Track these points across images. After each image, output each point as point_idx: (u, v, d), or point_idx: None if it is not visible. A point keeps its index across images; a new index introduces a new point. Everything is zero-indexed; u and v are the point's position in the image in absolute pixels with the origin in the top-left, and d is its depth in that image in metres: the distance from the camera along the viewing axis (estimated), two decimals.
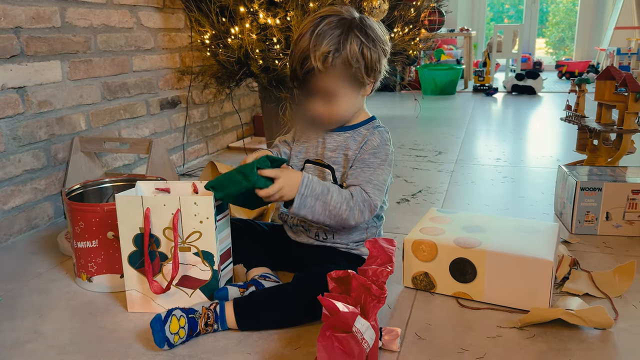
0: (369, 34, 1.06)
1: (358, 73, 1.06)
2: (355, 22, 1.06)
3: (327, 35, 1.03)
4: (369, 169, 1.10)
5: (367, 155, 1.11)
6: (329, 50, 1.02)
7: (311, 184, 1.05)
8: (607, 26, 6.09)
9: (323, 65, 1.03)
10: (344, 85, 1.07)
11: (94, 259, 1.17)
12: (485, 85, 4.80)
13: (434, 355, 0.93)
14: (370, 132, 1.14)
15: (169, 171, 1.69)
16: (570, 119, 1.97)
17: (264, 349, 0.96)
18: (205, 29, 1.87)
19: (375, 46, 1.06)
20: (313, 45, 1.03)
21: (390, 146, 1.14)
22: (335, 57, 1.03)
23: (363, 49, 1.04)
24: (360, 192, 1.08)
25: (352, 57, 1.04)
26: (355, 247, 1.17)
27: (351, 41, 1.03)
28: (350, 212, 1.06)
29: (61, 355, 0.96)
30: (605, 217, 1.45)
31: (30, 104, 1.54)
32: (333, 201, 1.05)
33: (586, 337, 0.98)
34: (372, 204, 1.08)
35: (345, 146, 1.14)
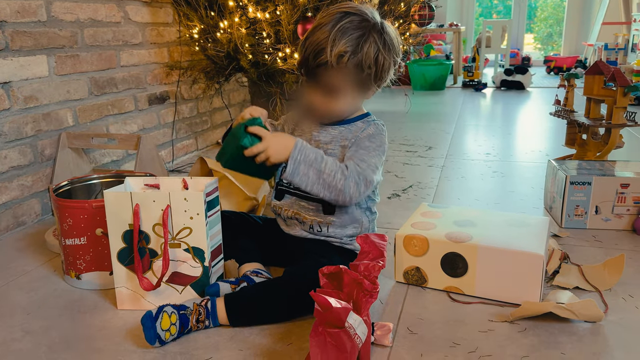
0: (387, 41, 1.05)
1: (368, 78, 1.06)
2: (377, 27, 1.05)
3: (347, 34, 1.02)
4: (363, 150, 1.09)
5: (363, 140, 1.11)
6: (346, 50, 1.01)
7: (304, 150, 1.02)
8: (595, 21, 6.13)
9: (337, 63, 1.02)
10: (350, 86, 1.07)
11: (83, 256, 1.16)
12: (474, 81, 4.81)
13: (426, 349, 0.93)
14: (366, 124, 1.14)
15: (158, 167, 1.68)
16: (560, 113, 1.98)
17: (255, 345, 0.95)
18: (193, 23, 1.85)
19: (390, 54, 1.06)
20: (332, 40, 1.01)
21: (385, 137, 1.14)
22: (350, 59, 1.02)
23: (378, 56, 1.04)
24: (355, 165, 1.06)
25: (366, 62, 1.03)
26: (349, 242, 1.17)
27: (369, 46, 1.02)
28: (345, 181, 1.03)
29: (50, 353, 0.95)
30: (594, 211, 1.46)
31: (16, 99, 1.51)
32: (327, 169, 1.02)
33: (577, 330, 0.98)
34: (367, 178, 1.05)
35: (342, 137, 1.13)
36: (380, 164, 1.12)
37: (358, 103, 1.14)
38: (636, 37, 5.07)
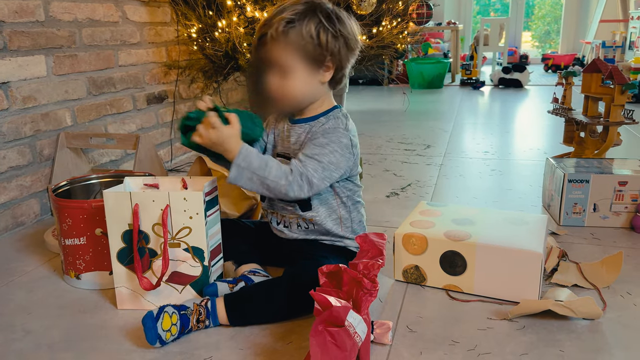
0: (333, 21, 1.06)
1: (309, 49, 1.05)
2: (322, 8, 1.06)
3: (288, 8, 1.05)
4: (315, 146, 1.07)
5: (317, 135, 1.09)
6: (284, 18, 1.03)
7: (249, 157, 1.01)
8: (592, 19, 6.14)
9: (276, 32, 1.03)
10: (295, 60, 1.05)
11: (82, 256, 1.16)
12: (472, 79, 4.82)
13: (425, 347, 0.94)
14: (327, 119, 1.12)
15: (157, 167, 1.68)
16: (558, 111, 1.98)
17: (255, 344, 0.96)
18: (192, 22, 1.85)
19: (337, 35, 1.06)
20: (273, 14, 1.06)
21: (345, 131, 1.09)
22: (288, 27, 1.03)
23: (320, 30, 1.05)
24: (300, 166, 1.05)
25: (306, 33, 1.04)
26: (339, 240, 1.17)
27: (310, 19, 1.04)
28: (289, 186, 1.03)
29: (51, 353, 0.95)
30: (592, 209, 1.46)
31: (14, 99, 1.51)
32: (271, 176, 1.02)
33: (575, 327, 0.99)
34: (311, 179, 1.04)
35: (306, 137, 1.12)
36: (338, 160, 1.07)
37: (314, 85, 1.09)
38: (634, 35, 5.08)
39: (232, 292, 1.06)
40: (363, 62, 2.07)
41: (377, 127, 3.02)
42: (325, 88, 1.12)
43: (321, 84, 1.10)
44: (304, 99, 1.11)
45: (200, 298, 1.05)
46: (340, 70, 1.10)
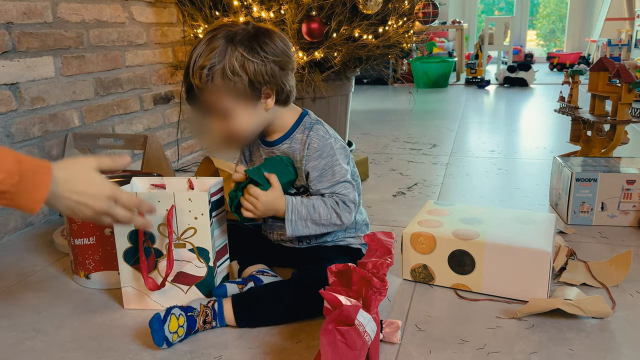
0: (255, 47, 1.00)
1: (240, 88, 1.01)
2: (241, 36, 1.00)
3: (206, 50, 0.99)
4: (325, 172, 1.08)
5: (314, 161, 1.09)
6: (204, 65, 0.98)
7: (296, 209, 1.06)
8: (598, 17, 6.12)
9: (200, 82, 0.99)
10: (230, 101, 1.02)
11: (92, 256, 1.17)
12: (477, 78, 4.81)
13: (434, 346, 0.94)
14: (306, 135, 1.10)
15: (165, 167, 1.69)
16: (564, 110, 1.98)
17: (264, 343, 0.96)
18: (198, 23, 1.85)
19: (264, 59, 1.00)
20: (193, 61, 1.00)
21: (330, 139, 1.10)
22: (211, 73, 0.98)
23: (244, 63, 0.99)
24: (337, 198, 1.08)
25: (231, 72, 0.98)
26: (342, 239, 1.17)
27: (230, 55, 0.98)
28: (341, 217, 1.08)
29: (62, 352, 0.96)
30: (600, 208, 1.46)
31: (23, 100, 1.52)
32: (322, 216, 1.07)
33: (584, 326, 0.99)
34: (352, 199, 1.09)
35: (292, 158, 1.12)
36: (345, 164, 1.10)
37: (259, 115, 1.07)
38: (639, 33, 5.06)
39: (240, 293, 1.06)
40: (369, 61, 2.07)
41: (383, 126, 3.02)
42: (274, 111, 1.09)
43: (266, 111, 1.07)
44: (255, 129, 1.10)
45: (206, 299, 1.05)
46: (282, 91, 1.06)
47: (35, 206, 0.75)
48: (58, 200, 0.79)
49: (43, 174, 0.75)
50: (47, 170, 0.76)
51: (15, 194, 0.73)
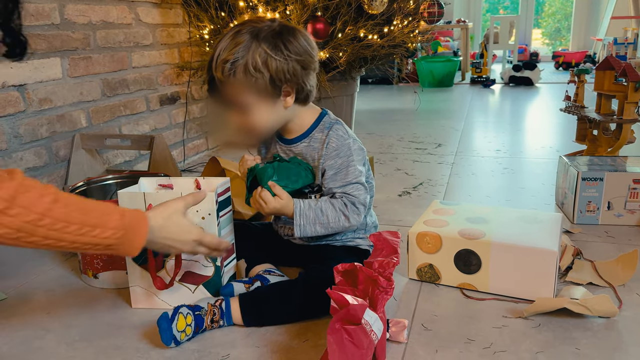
0: (279, 45, 1.01)
1: (261, 84, 1.01)
2: (265, 34, 1.01)
3: (231, 45, 1.00)
4: (340, 171, 1.09)
5: (331, 160, 1.09)
6: (227, 59, 0.99)
7: (304, 213, 1.08)
8: (604, 16, 6.09)
9: (222, 75, 1.00)
10: (250, 97, 1.03)
11: (100, 256, 1.18)
12: (482, 77, 4.80)
13: (441, 345, 0.94)
14: (325, 135, 1.11)
15: (171, 167, 1.69)
16: (570, 109, 1.97)
17: (272, 342, 0.97)
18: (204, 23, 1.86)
19: (287, 58, 1.01)
20: (217, 54, 1.01)
21: (349, 139, 1.11)
22: (234, 67, 0.99)
23: (267, 60, 1.00)
24: (347, 197, 1.09)
25: (253, 68, 0.99)
26: (351, 239, 1.18)
27: (254, 52, 0.99)
28: (349, 220, 1.09)
29: (71, 351, 0.97)
30: (606, 207, 1.46)
31: (31, 101, 1.54)
32: (331, 219, 1.08)
33: (591, 325, 0.99)
34: (362, 201, 1.09)
35: (308, 156, 1.12)
36: (361, 166, 1.11)
37: (278, 112, 1.08)
38: None
39: (247, 292, 1.07)
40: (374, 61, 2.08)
41: (388, 126, 3.02)
42: (293, 109, 1.10)
43: (285, 108, 1.08)
44: (273, 126, 1.11)
45: (214, 298, 1.06)
46: (302, 90, 1.07)
47: (134, 252, 0.86)
48: (152, 244, 0.91)
49: (142, 226, 0.86)
50: (145, 221, 0.86)
51: (119, 245, 0.83)
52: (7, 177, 0.72)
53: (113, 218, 0.82)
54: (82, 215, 0.78)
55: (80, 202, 0.79)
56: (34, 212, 0.73)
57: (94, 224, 0.79)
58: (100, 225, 0.80)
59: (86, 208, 0.79)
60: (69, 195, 0.79)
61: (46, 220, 0.74)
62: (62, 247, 0.79)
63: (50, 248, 0.78)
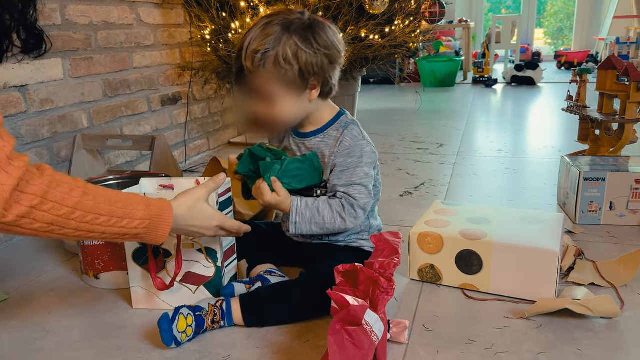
0: (309, 38, 1.02)
1: (290, 76, 1.02)
2: (297, 25, 1.02)
3: (261, 35, 1.00)
4: (347, 170, 1.09)
5: (342, 158, 1.09)
6: (258, 49, 1.00)
7: (300, 212, 1.08)
8: (606, 15, 6.08)
9: (252, 65, 1.01)
10: (278, 88, 1.04)
11: (101, 256, 1.18)
12: (484, 77, 4.79)
13: (442, 346, 0.94)
14: (340, 133, 1.11)
15: (173, 168, 1.69)
16: (572, 109, 1.97)
17: (272, 343, 0.97)
18: (205, 24, 1.86)
19: (317, 51, 1.02)
20: (247, 44, 1.01)
21: (363, 140, 1.11)
22: (264, 58, 1.00)
23: (298, 52, 1.01)
24: (347, 198, 1.08)
25: (283, 59, 1.00)
26: (354, 240, 1.17)
27: (285, 43, 1.00)
28: (345, 222, 1.08)
29: (72, 352, 0.97)
30: (609, 207, 1.45)
31: (32, 102, 1.54)
32: (327, 220, 1.08)
33: (593, 326, 0.98)
34: (361, 205, 1.09)
35: (320, 152, 1.12)
36: (370, 170, 1.11)
37: (303, 105, 1.08)
38: None
39: (248, 293, 1.06)
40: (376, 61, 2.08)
41: (389, 126, 3.02)
42: (316, 103, 1.10)
43: (310, 102, 1.09)
44: (295, 119, 1.11)
45: (214, 299, 1.06)
46: (327, 84, 1.08)
47: (160, 240, 0.90)
48: (177, 231, 0.96)
49: (167, 215, 0.89)
50: (169, 210, 0.90)
51: (145, 234, 0.87)
52: (38, 173, 0.74)
53: (139, 208, 0.85)
54: (110, 206, 0.81)
55: (107, 193, 0.82)
56: (65, 206, 0.76)
57: (122, 215, 0.82)
58: (127, 215, 0.83)
59: (113, 199, 0.82)
60: (96, 187, 0.82)
61: (77, 214, 0.77)
62: (92, 238, 0.82)
63: (80, 239, 0.82)
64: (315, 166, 1.11)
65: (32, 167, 0.74)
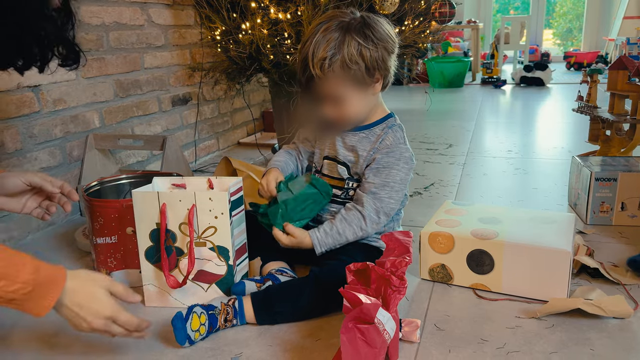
0: (368, 34, 1.05)
1: (358, 74, 1.06)
2: (354, 24, 1.06)
3: (323, 41, 1.04)
4: (383, 169, 1.12)
5: (380, 155, 1.13)
6: (324, 56, 1.03)
7: (323, 242, 1.12)
8: (616, 16, 6.04)
9: (321, 72, 1.04)
10: (347, 88, 1.08)
11: (114, 255, 1.19)
12: (493, 78, 4.78)
13: (454, 345, 0.94)
14: (384, 132, 1.15)
15: (183, 167, 1.70)
16: (583, 109, 1.96)
17: (285, 341, 0.97)
18: (215, 25, 1.87)
19: (377, 45, 1.06)
20: (311, 52, 1.05)
21: (405, 145, 1.15)
22: (332, 62, 1.04)
23: (361, 50, 1.05)
24: (372, 202, 1.11)
25: (350, 60, 1.04)
26: (375, 240, 1.18)
27: (348, 44, 1.04)
28: (367, 231, 1.12)
29: (87, 348, 0.98)
30: (620, 207, 1.44)
31: (45, 102, 1.55)
32: (350, 237, 1.13)
33: (605, 326, 0.98)
34: (387, 210, 1.12)
35: (361, 146, 1.15)
36: (406, 176, 1.14)
37: (368, 100, 1.13)
38: None
39: (259, 291, 1.07)
40: None
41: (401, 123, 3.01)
42: (377, 96, 1.15)
43: (374, 95, 1.13)
44: (364, 115, 1.15)
45: (226, 297, 1.07)
46: (388, 75, 1.12)
47: (41, 313, 0.78)
48: (61, 309, 0.82)
49: (56, 283, 0.79)
50: (61, 279, 0.80)
51: (24, 301, 0.76)
52: None
53: (25, 272, 0.75)
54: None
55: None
56: None
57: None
58: (6, 277, 0.73)
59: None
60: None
61: None
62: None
63: None
64: (319, 186, 1.15)
65: None
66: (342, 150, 1.18)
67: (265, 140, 2.65)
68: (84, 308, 0.82)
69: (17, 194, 1.04)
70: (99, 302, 0.84)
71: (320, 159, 1.23)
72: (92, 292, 0.84)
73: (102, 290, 0.85)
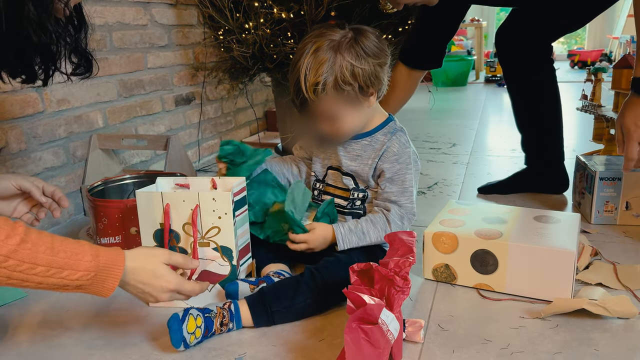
0: (360, 52, 1.05)
1: (352, 94, 1.06)
2: (344, 43, 1.05)
3: (315, 64, 1.03)
4: (397, 176, 1.13)
5: (389, 164, 1.13)
6: (317, 81, 1.03)
7: (346, 239, 1.12)
8: (620, 14, 6.02)
9: (315, 96, 1.04)
10: (341, 107, 1.08)
11: None
12: (497, 76, 4.77)
13: (457, 346, 0.94)
14: (387, 138, 1.15)
15: (187, 167, 1.71)
16: (587, 108, 1.95)
17: (288, 341, 0.97)
18: (218, 24, 1.87)
19: (369, 62, 1.06)
20: (303, 76, 1.04)
21: (410, 148, 1.16)
22: (325, 86, 1.04)
23: (354, 70, 1.04)
24: (396, 211, 1.13)
25: (343, 82, 1.04)
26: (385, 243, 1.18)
27: (340, 65, 1.03)
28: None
29: (89, 349, 0.98)
30: (625, 207, 1.44)
31: (49, 102, 1.56)
32: (373, 239, 1.13)
33: (610, 326, 0.98)
34: (410, 214, 1.15)
35: (365, 155, 1.16)
36: (416, 180, 1.16)
37: (363, 113, 1.13)
38: None
39: (254, 294, 1.04)
40: None
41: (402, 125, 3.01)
42: (373, 107, 1.15)
43: (369, 107, 1.13)
44: (361, 126, 1.16)
45: (221, 301, 1.06)
46: (382, 87, 1.12)
47: (106, 294, 0.84)
48: (126, 287, 0.88)
49: (117, 266, 0.84)
50: (121, 261, 0.84)
51: (90, 286, 0.82)
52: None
53: (85, 259, 0.80)
54: (51, 256, 0.77)
55: (51, 241, 0.78)
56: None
57: (63, 265, 0.78)
58: (69, 266, 0.78)
59: (57, 248, 0.78)
60: (41, 234, 0.78)
61: (10, 262, 0.74)
62: (27, 287, 0.78)
63: (13, 286, 0.77)
64: (269, 185, 1.20)
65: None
66: (346, 160, 1.18)
67: (269, 140, 2.65)
68: (148, 285, 0.88)
69: (9, 197, 1.05)
70: (162, 278, 0.89)
71: (322, 168, 1.23)
72: (153, 269, 0.89)
73: (162, 266, 0.90)
